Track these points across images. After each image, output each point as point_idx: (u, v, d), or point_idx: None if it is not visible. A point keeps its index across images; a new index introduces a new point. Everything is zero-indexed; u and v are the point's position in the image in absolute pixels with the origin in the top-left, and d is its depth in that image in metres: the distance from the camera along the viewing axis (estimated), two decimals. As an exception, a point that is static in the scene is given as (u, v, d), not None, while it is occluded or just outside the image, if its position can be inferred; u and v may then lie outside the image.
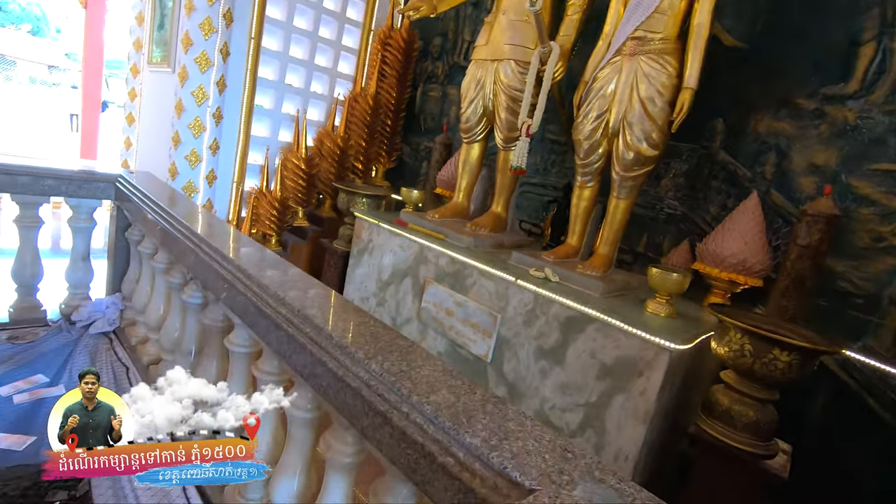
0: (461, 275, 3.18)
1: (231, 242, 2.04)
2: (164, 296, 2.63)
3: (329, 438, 1.41)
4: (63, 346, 2.91)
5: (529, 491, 0.86)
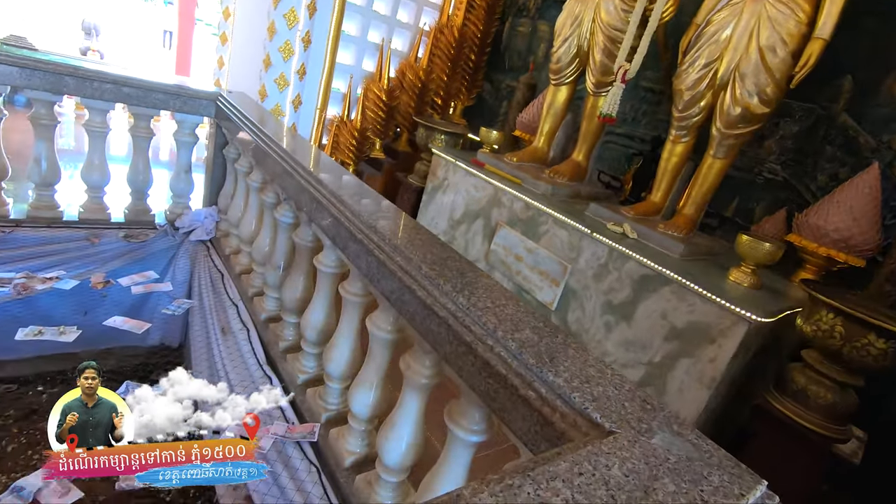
0: (535, 221, 3.17)
1: (324, 168, 2.14)
2: (257, 212, 2.83)
3: (409, 359, 1.52)
4: (168, 248, 3.25)
5: (609, 432, 0.91)
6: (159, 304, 3.21)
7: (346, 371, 1.93)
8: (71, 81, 2.78)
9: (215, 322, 2.66)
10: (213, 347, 2.52)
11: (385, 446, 1.57)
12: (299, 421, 2.02)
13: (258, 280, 2.76)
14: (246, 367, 2.30)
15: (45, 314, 2.96)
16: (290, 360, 2.28)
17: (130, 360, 3.44)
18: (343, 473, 1.78)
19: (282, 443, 1.91)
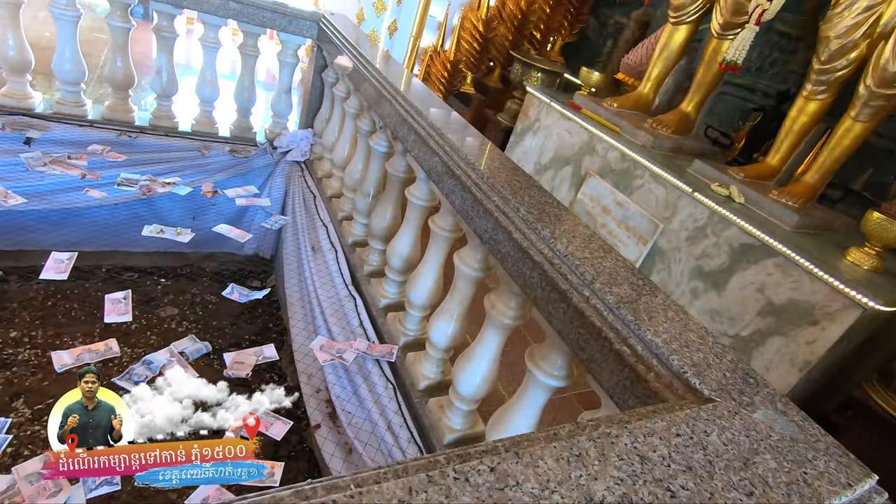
0: (629, 174, 3.00)
1: (425, 100, 2.11)
2: (351, 138, 2.89)
3: (494, 298, 1.55)
4: (266, 165, 3.44)
5: (708, 400, 0.89)
6: (257, 218, 3.46)
7: (427, 301, 2.01)
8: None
9: (306, 240, 2.83)
10: (303, 263, 2.70)
11: (461, 377, 1.64)
12: (379, 341, 2.16)
13: (348, 205, 2.88)
14: (333, 286, 2.46)
15: (162, 215, 3.30)
16: (373, 284, 2.40)
17: (229, 265, 3.79)
18: (417, 394, 1.90)
19: (363, 358, 2.06)
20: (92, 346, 1.93)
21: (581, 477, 0.64)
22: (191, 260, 3.71)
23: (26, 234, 3.01)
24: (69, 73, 2.85)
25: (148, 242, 3.16)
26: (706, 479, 0.70)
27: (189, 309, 3.25)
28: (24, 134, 2.75)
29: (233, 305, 3.47)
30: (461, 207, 1.64)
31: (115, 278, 3.31)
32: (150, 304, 3.16)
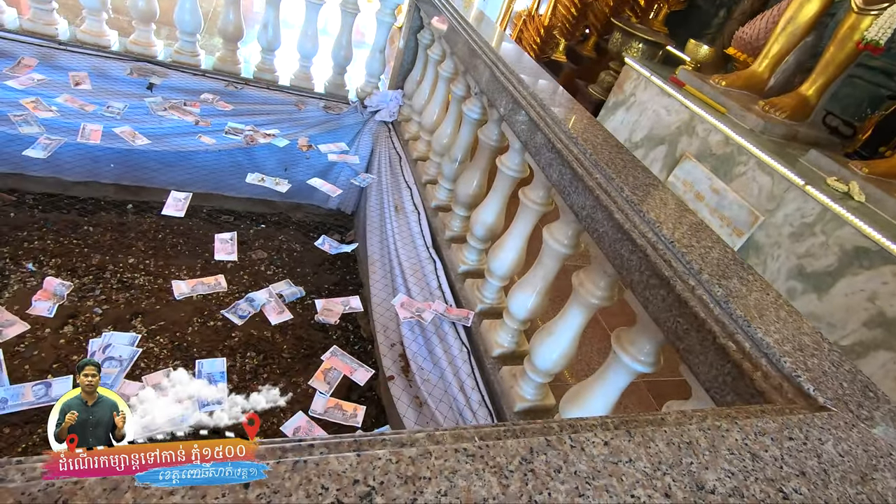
0: (731, 159, 2.80)
1: (527, 68, 2.07)
2: (442, 102, 2.90)
3: (583, 276, 1.54)
4: (356, 123, 3.54)
5: (822, 407, 0.85)
6: (342, 174, 3.60)
7: (508, 272, 2.03)
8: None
9: (390, 200, 2.92)
10: (385, 222, 2.80)
11: (539, 350, 1.67)
12: (455, 305, 2.22)
13: (433, 169, 2.92)
14: (414, 247, 2.53)
15: (259, 164, 3.51)
16: (453, 249, 2.45)
17: (313, 217, 4.00)
18: (490, 361, 1.96)
19: (439, 320, 2.13)
20: (204, 279, 2.14)
21: (692, 464, 0.64)
22: (280, 209, 3.95)
23: (144, 172, 3.32)
24: (188, 24, 3.05)
25: (248, 189, 3.39)
26: (820, 487, 0.68)
27: (276, 254, 3.48)
28: (147, 80, 3.00)
29: (315, 255, 3.69)
30: (558, 182, 1.62)
31: (214, 219, 3.60)
32: (242, 246, 3.42)
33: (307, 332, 2.93)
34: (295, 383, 2.59)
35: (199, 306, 2.67)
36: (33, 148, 2.35)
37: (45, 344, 2.15)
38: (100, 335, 2.38)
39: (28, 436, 1.87)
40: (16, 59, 2.70)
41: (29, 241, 2.90)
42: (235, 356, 2.56)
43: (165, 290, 2.85)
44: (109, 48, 2.98)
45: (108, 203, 3.40)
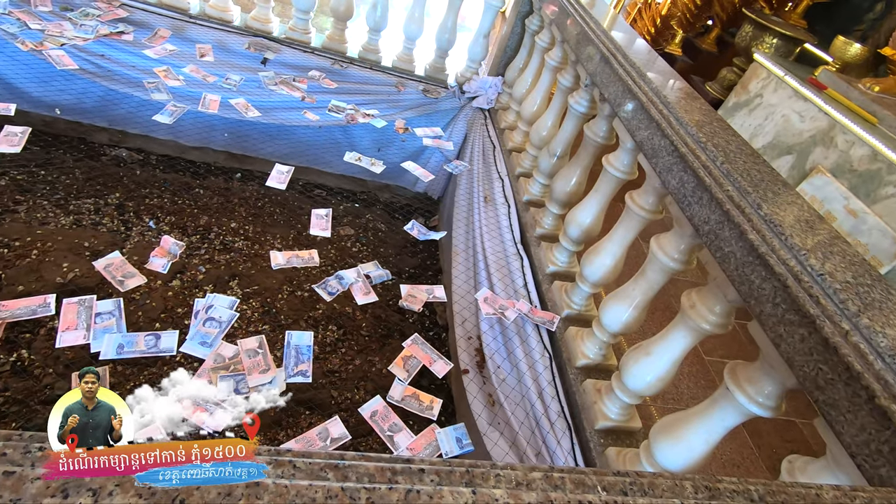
0: (877, 178, 2.42)
1: (648, 63, 1.90)
2: (545, 92, 2.77)
3: (696, 297, 1.39)
4: (451, 109, 3.50)
5: None
6: (433, 158, 3.59)
7: (603, 279, 1.90)
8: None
9: (480, 189, 2.85)
10: (473, 212, 2.74)
11: (632, 369, 1.54)
12: (540, 306, 2.13)
13: (528, 161, 2.81)
14: (501, 240, 2.46)
15: (354, 142, 3.60)
16: (543, 248, 2.34)
17: (400, 199, 4.05)
18: (573, 371, 1.85)
19: (522, 320, 2.05)
20: (299, 252, 2.22)
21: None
22: (369, 188, 4.03)
23: (251, 142, 3.52)
24: (303, 2, 3.14)
25: (343, 166, 3.48)
26: None
27: (363, 232, 3.57)
28: (262, 54, 3.15)
29: (398, 237, 3.73)
30: (677, 190, 1.46)
31: (308, 192, 3.75)
32: (332, 221, 3.54)
33: (386, 313, 2.98)
34: (370, 362, 2.64)
35: (290, 276, 2.80)
36: (161, 114, 2.55)
37: (156, 296, 2.35)
38: (202, 293, 2.57)
39: (136, 376, 2.05)
40: (153, 30, 2.93)
41: (150, 197, 3.19)
42: (318, 327, 2.65)
43: (261, 257, 3.01)
44: (232, 23, 3.15)
45: (217, 168, 3.65)
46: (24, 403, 2.03)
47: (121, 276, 1.89)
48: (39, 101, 2.99)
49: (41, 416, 2.03)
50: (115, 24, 2.82)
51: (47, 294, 1.87)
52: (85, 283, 2.44)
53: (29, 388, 2.06)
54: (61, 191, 3.01)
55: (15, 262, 2.38)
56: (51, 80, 2.95)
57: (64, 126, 3.32)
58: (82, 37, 2.65)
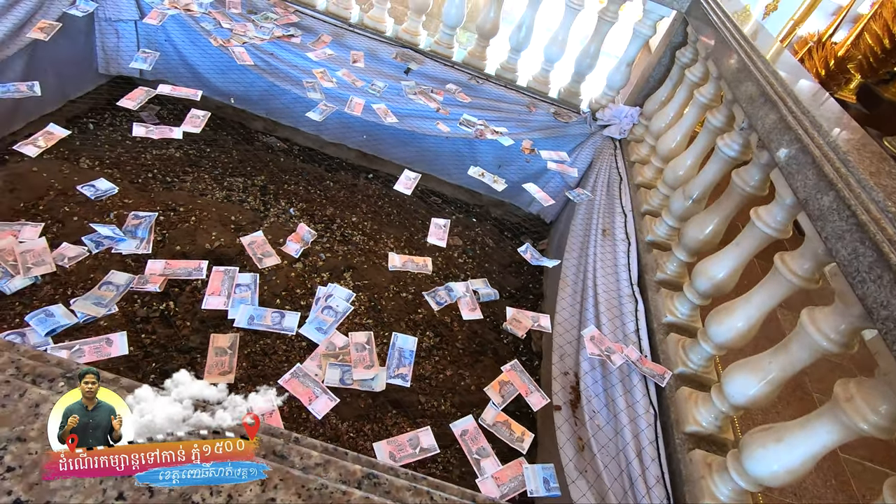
0: None
1: (824, 112, 1.69)
2: (688, 129, 2.60)
3: (854, 390, 1.19)
4: (580, 134, 3.42)
5: None
6: (553, 181, 3.53)
7: (731, 343, 1.72)
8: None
9: (600, 221, 2.74)
10: (589, 244, 2.64)
11: (756, 453, 1.37)
12: (651, 356, 1.98)
13: (657, 200, 2.64)
14: (616, 278, 2.34)
15: (477, 156, 3.66)
16: (662, 294, 2.18)
17: (511, 217, 4.04)
18: (680, 435, 1.69)
19: (629, 367, 1.93)
20: (415, 258, 2.30)
21: None
22: (483, 202, 4.08)
23: (381, 145, 3.74)
24: (452, 18, 3.27)
25: (463, 178, 3.57)
26: None
27: (471, 245, 3.61)
28: (406, 64, 3.33)
29: (505, 254, 3.72)
30: (847, 262, 1.27)
31: (425, 198, 3.88)
32: (444, 229, 3.64)
33: (482, 329, 2.97)
34: (460, 375, 2.65)
35: (399, 277, 2.91)
36: (313, 111, 2.80)
37: (282, 274, 2.57)
38: (320, 278, 2.77)
39: (256, 342, 2.26)
40: (317, 35, 3.24)
41: (288, 183, 3.52)
42: (416, 330, 2.72)
43: (374, 253, 3.17)
44: (384, 34, 3.38)
45: (348, 165, 3.93)
46: (165, 348, 2.32)
47: (260, 253, 2.09)
48: (218, 89, 3.45)
49: (176, 361, 2.31)
50: (288, 27, 3.16)
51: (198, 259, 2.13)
52: (227, 252, 2.74)
53: (170, 336, 2.35)
54: (220, 168, 3.43)
55: (177, 225, 2.76)
56: (230, 72, 3.38)
57: (230, 112, 3.79)
58: (260, 37, 3.00)
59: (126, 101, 2.34)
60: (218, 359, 1.58)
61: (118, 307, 1.87)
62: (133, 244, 1.97)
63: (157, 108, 3.54)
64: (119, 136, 3.39)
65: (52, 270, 1.69)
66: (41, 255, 1.68)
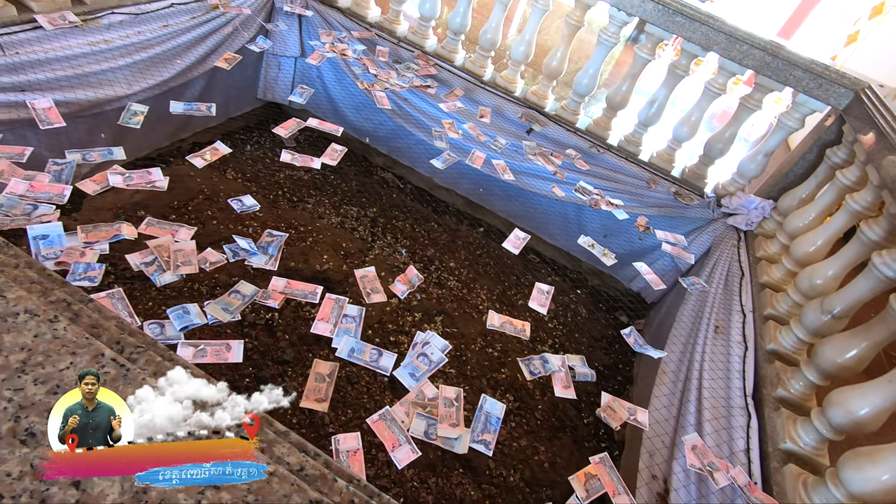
0: None
1: None
2: (833, 235, 2.36)
3: None
4: (700, 219, 3.24)
5: None
6: (661, 261, 3.35)
7: (871, 496, 1.46)
8: (719, 38, 2.85)
9: (713, 316, 2.54)
10: (698, 339, 2.44)
11: None
12: (761, 485, 1.75)
13: (785, 306, 2.40)
14: (727, 385, 2.12)
15: (583, 223, 3.60)
16: (783, 416, 1.94)
17: (609, 289, 3.88)
18: (793, 592, 1.45)
19: (734, 491, 1.71)
20: (514, 320, 2.28)
21: None
22: (581, 269, 3.97)
23: (490, 195, 3.81)
24: (583, 87, 3.32)
25: (564, 241, 3.51)
26: None
27: (562, 310, 3.50)
28: (529, 125, 3.40)
29: (596, 327, 3.56)
30: None
31: (523, 255, 3.86)
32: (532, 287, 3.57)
33: (563, 403, 2.83)
34: (535, 448, 2.52)
35: (488, 332, 2.88)
36: (437, 159, 2.94)
37: (377, 307, 2.66)
38: (412, 317, 2.82)
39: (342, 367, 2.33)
40: (450, 88, 3.43)
41: (397, 219, 3.68)
42: (497, 391, 2.66)
43: (467, 301, 3.18)
44: (514, 93, 3.50)
45: (454, 210, 4.04)
46: (263, 355, 2.47)
47: (370, 288, 2.19)
48: (353, 124, 3.75)
49: (269, 370, 2.44)
50: (426, 78, 3.38)
51: (308, 281, 2.26)
52: (333, 276, 2.91)
53: (270, 345, 2.50)
54: (339, 195, 3.69)
55: (295, 243, 2.98)
56: (365, 110, 3.68)
57: (357, 145, 4.10)
58: (400, 84, 3.24)
59: (280, 129, 2.61)
60: (316, 385, 1.64)
61: (241, 315, 2.03)
62: (263, 259, 2.15)
63: (297, 136, 3.92)
64: (261, 153, 3.78)
65: (196, 272, 1.88)
66: (189, 255, 1.89)
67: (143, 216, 2.84)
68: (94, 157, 2.03)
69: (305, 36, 3.61)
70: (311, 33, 3.54)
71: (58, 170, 1.89)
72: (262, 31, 3.41)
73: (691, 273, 3.06)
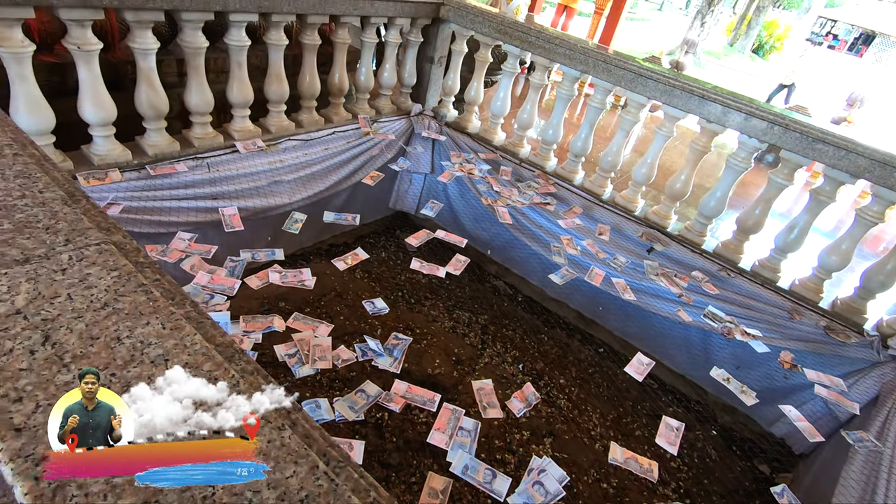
0: None
1: None
2: None
3: None
4: (860, 359, 2.80)
5: None
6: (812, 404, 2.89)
7: None
8: (873, 167, 2.66)
9: (892, 484, 2.08)
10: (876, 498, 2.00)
11: None
12: None
13: None
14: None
15: (710, 349, 3.29)
16: None
17: (745, 430, 3.38)
18: None
19: None
20: (640, 457, 2.07)
21: None
22: (706, 400, 3.55)
23: (605, 311, 3.69)
24: (710, 210, 3.23)
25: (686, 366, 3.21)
26: None
27: (687, 448, 3.10)
28: (650, 244, 3.34)
29: (730, 476, 3.07)
30: None
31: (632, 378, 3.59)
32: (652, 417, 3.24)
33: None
34: None
35: (603, 462, 2.64)
36: (555, 274, 2.96)
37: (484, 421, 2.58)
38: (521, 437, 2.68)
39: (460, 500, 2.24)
40: (569, 206, 3.54)
41: (507, 328, 3.68)
42: (610, 537, 2.35)
43: (578, 425, 2.97)
44: (634, 213, 3.50)
45: (564, 323, 3.95)
46: (370, 455, 2.48)
47: (486, 402, 2.16)
48: (471, 234, 3.98)
49: (374, 472, 2.43)
50: (545, 196, 3.54)
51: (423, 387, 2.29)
52: (443, 381, 2.92)
53: (377, 446, 2.51)
54: (452, 300, 3.82)
55: (411, 345, 3.09)
56: (485, 222, 3.91)
57: (472, 252, 4.30)
58: (521, 201, 3.42)
59: (412, 239, 2.85)
60: (429, 500, 1.59)
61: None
62: (388, 361, 2.26)
63: (420, 241, 4.24)
64: (386, 256, 4.12)
65: (330, 367, 2.02)
66: (325, 351, 2.05)
67: (283, 307, 3.18)
68: (261, 256, 2.37)
69: (437, 157, 4.05)
70: (443, 154, 3.96)
71: (232, 266, 2.23)
72: (402, 153, 3.89)
73: (853, 425, 2.59)
